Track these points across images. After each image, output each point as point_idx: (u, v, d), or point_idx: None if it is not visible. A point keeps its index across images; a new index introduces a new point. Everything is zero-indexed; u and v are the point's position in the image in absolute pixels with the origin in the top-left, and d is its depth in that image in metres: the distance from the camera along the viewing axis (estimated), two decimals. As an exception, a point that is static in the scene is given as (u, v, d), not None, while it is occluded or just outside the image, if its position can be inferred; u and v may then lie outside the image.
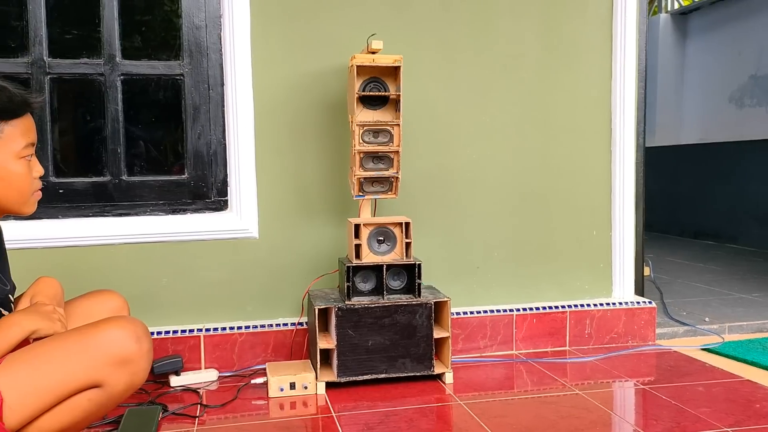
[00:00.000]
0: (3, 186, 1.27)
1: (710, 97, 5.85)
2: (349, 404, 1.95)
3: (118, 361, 1.23)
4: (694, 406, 1.87)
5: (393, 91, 2.12)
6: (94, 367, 1.22)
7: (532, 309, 2.46)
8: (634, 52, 2.52)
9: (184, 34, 2.25)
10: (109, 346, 1.23)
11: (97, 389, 1.23)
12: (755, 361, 2.26)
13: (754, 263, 4.30)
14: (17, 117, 1.27)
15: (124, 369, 1.24)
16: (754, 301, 3.12)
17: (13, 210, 1.32)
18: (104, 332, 1.24)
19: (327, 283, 2.33)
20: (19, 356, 1.23)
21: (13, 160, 1.27)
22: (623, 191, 2.55)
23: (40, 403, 1.20)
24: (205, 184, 2.30)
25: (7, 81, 1.28)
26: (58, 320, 1.34)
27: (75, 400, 1.23)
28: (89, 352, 1.22)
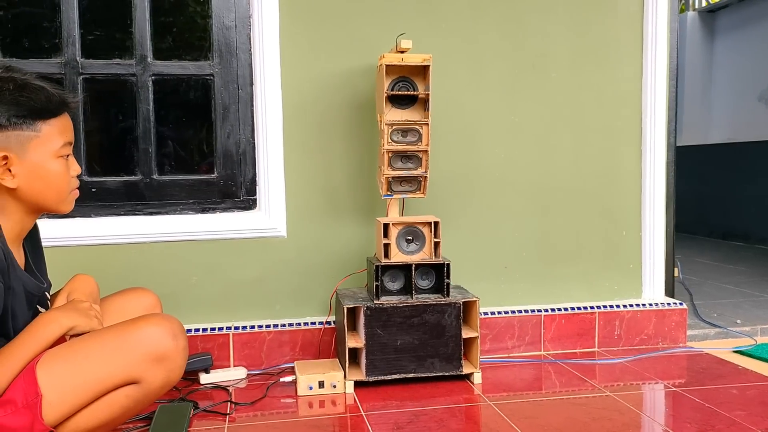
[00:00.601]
0: (41, 185, 1.29)
1: (739, 96, 5.76)
2: (377, 403, 1.95)
3: (155, 357, 1.24)
4: (728, 408, 1.84)
5: (422, 90, 2.12)
6: (131, 364, 1.23)
7: (560, 309, 2.44)
8: (665, 50, 2.49)
9: (214, 34, 2.27)
10: (146, 343, 1.24)
11: (134, 386, 1.25)
12: (790, 364, 2.23)
13: (785, 265, 4.23)
14: (55, 116, 1.29)
15: (160, 366, 1.25)
16: (786, 303, 3.07)
17: (51, 208, 1.34)
18: (142, 329, 1.25)
19: (354, 282, 2.33)
20: (57, 353, 1.24)
21: (52, 159, 1.29)
22: (654, 191, 2.52)
23: (78, 399, 1.22)
24: (234, 184, 2.32)
25: (44, 81, 1.30)
26: (94, 317, 1.36)
27: (113, 396, 1.24)
28: (127, 348, 1.23)
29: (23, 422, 1.19)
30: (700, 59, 6.14)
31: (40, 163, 1.27)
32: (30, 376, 1.20)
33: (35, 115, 1.25)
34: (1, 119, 1.21)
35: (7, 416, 1.19)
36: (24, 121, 1.23)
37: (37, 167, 1.27)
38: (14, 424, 1.19)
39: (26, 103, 1.23)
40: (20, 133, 1.24)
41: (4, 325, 1.24)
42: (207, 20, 2.28)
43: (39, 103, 1.25)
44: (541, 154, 2.47)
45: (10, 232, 1.27)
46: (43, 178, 1.28)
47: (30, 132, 1.25)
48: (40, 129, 1.26)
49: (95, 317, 1.36)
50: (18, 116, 1.23)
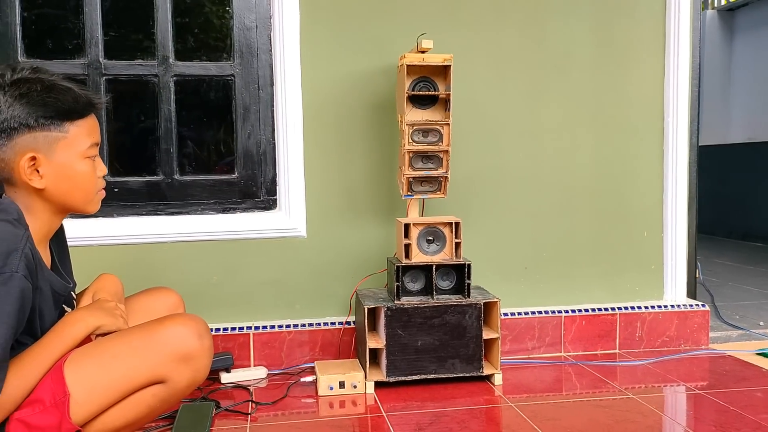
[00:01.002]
0: (69, 185, 1.29)
1: (759, 95, 5.70)
2: (398, 404, 1.95)
3: (181, 357, 1.25)
4: (754, 412, 1.82)
5: (443, 90, 2.11)
6: (158, 363, 1.24)
7: (581, 310, 2.43)
8: (687, 49, 2.47)
9: (235, 35, 2.28)
10: (172, 342, 1.25)
11: (160, 385, 1.25)
12: (815, 367, 2.20)
13: (807, 266, 4.18)
14: (82, 117, 1.29)
15: (187, 365, 1.26)
16: (810, 305, 3.03)
17: (77, 209, 1.35)
18: (168, 329, 1.26)
19: (374, 282, 2.33)
20: (85, 352, 1.25)
21: (79, 159, 1.30)
22: (676, 191, 2.49)
23: (105, 398, 1.22)
24: (255, 184, 2.32)
25: (71, 82, 1.31)
26: (120, 317, 1.37)
27: (139, 395, 1.25)
28: (153, 348, 1.24)
29: (51, 421, 1.20)
30: (719, 58, 6.08)
31: (67, 163, 1.28)
32: (58, 375, 1.21)
33: (63, 116, 1.25)
34: (29, 120, 1.22)
35: (35, 415, 1.20)
36: (52, 122, 1.24)
37: (65, 168, 1.27)
38: (42, 423, 1.20)
39: (54, 104, 1.24)
40: (48, 134, 1.24)
41: (31, 324, 1.24)
42: (228, 21, 2.29)
43: (66, 104, 1.26)
44: (562, 155, 2.45)
45: (38, 232, 1.28)
46: (70, 179, 1.29)
47: (57, 133, 1.25)
48: (68, 130, 1.27)
49: (121, 317, 1.37)
50: (46, 117, 1.23)
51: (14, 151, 1.23)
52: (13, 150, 1.23)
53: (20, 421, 1.19)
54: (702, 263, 3.93)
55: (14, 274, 1.13)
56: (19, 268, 1.14)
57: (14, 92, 1.21)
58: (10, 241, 1.15)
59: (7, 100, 1.20)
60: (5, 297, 1.12)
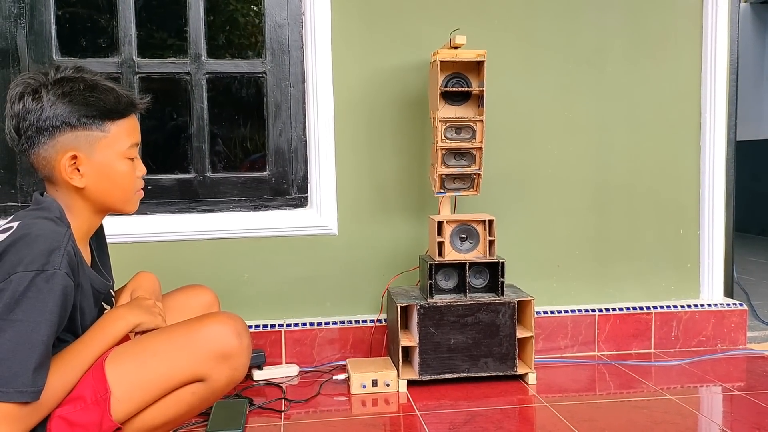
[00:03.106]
0: (108, 185, 1.30)
1: (794, 89, 5.57)
2: (431, 403, 1.93)
3: (221, 355, 1.25)
4: (798, 415, 1.78)
5: (476, 86, 2.09)
6: (197, 362, 1.24)
7: (615, 309, 2.39)
8: (725, 43, 2.41)
9: (266, 32, 2.27)
10: (212, 341, 1.25)
11: (200, 383, 1.26)
12: None
13: None
14: (123, 117, 1.30)
15: (226, 364, 1.26)
16: None
17: (116, 208, 1.35)
18: (208, 328, 1.26)
19: (405, 280, 2.32)
20: (125, 350, 1.26)
21: (119, 159, 1.30)
22: (713, 188, 2.44)
23: (146, 396, 1.23)
24: (286, 181, 2.32)
25: (113, 82, 1.32)
26: (159, 314, 1.37)
27: (179, 393, 1.25)
28: (193, 346, 1.24)
29: (92, 418, 1.21)
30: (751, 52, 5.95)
31: (107, 163, 1.28)
32: (99, 372, 1.22)
33: (104, 115, 1.26)
34: (71, 119, 1.23)
35: (77, 412, 1.20)
36: (93, 121, 1.25)
37: (105, 167, 1.28)
38: (83, 420, 1.20)
39: (96, 104, 1.24)
40: (89, 133, 1.25)
41: (73, 322, 1.25)
42: (259, 18, 2.29)
43: (108, 104, 1.26)
44: (595, 151, 2.42)
45: (78, 230, 1.29)
46: (110, 178, 1.29)
47: (99, 132, 1.26)
48: (109, 129, 1.27)
49: (159, 314, 1.38)
50: (88, 116, 1.24)
51: (56, 150, 1.24)
52: (54, 148, 1.23)
53: (62, 418, 1.20)
54: (736, 261, 3.85)
55: (57, 272, 1.14)
56: (62, 265, 1.15)
57: (57, 91, 1.22)
58: (53, 238, 1.16)
59: (50, 99, 1.21)
60: (48, 294, 1.12)
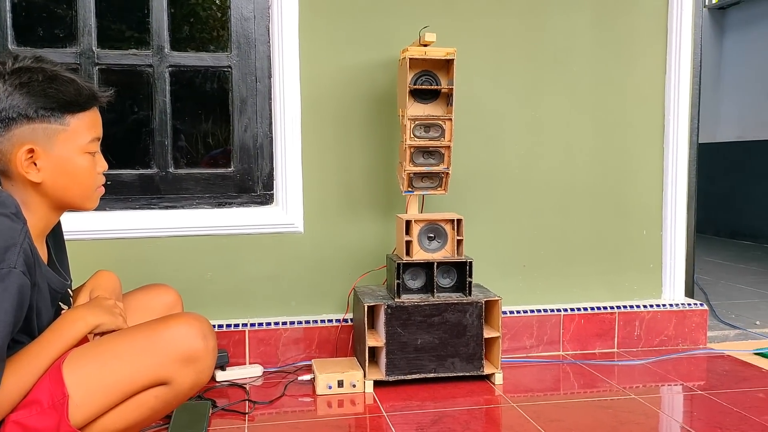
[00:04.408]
0: (67, 180, 1.24)
1: (749, 94, 5.71)
2: (398, 403, 1.91)
3: (186, 358, 1.21)
4: (758, 413, 1.81)
5: (445, 84, 2.08)
6: (161, 364, 1.19)
7: (580, 309, 2.41)
8: (689, 47, 2.45)
9: (232, 25, 2.22)
10: (176, 343, 1.20)
11: (163, 386, 1.21)
12: (813, 368, 2.20)
13: (797, 265, 4.21)
14: (84, 111, 1.24)
15: (191, 366, 1.21)
16: (803, 305, 3.04)
17: (75, 205, 1.30)
18: (172, 329, 1.21)
19: (371, 279, 2.30)
20: (84, 352, 1.21)
21: (79, 154, 1.25)
22: (675, 190, 2.48)
23: (106, 400, 1.18)
24: (251, 178, 2.28)
25: (74, 73, 1.26)
26: (119, 315, 1.32)
27: (141, 397, 1.21)
28: (157, 348, 1.19)
29: (49, 423, 1.15)
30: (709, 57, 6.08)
31: (66, 157, 1.23)
32: (56, 375, 1.16)
33: (64, 108, 1.20)
34: (29, 111, 1.17)
35: (33, 417, 1.15)
36: (52, 113, 1.19)
37: (64, 162, 1.22)
38: (40, 425, 1.15)
39: (55, 95, 1.19)
40: (48, 126, 1.19)
41: (29, 322, 1.19)
42: (225, 11, 2.23)
43: (68, 96, 1.20)
44: (561, 151, 2.43)
45: (35, 227, 1.23)
46: (69, 174, 1.24)
47: (58, 125, 1.20)
48: (69, 123, 1.22)
49: (120, 315, 1.33)
50: (46, 108, 1.18)
51: (11, 143, 1.18)
52: (10, 141, 1.17)
53: (17, 423, 1.14)
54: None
55: (12, 270, 1.08)
56: (18, 263, 1.09)
57: (14, 81, 1.16)
58: (8, 236, 1.10)
59: (7, 89, 1.15)
60: (3, 293, 1.07)
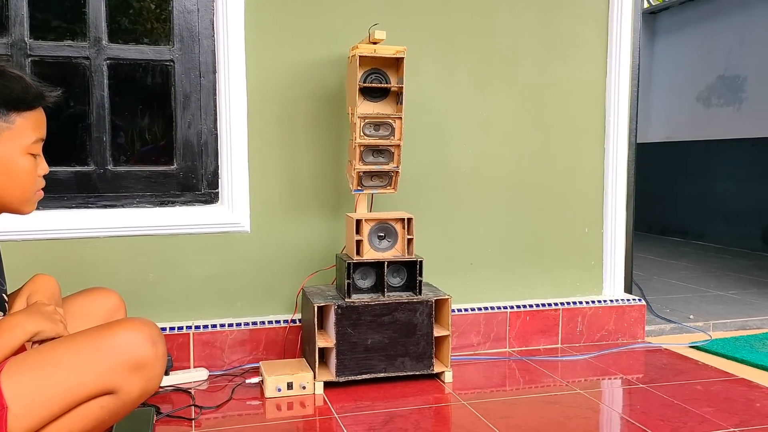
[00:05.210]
0: (6, 181, 1.18)
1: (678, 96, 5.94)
2: (348, 404, 1.89)
3: (134, 365, 1.15)
4: (697, 405, 1.88)
5: (394, 83, 2.07)
6: (107, 373, 1.13)
7: (525, 306, 2.45)
8: (629, 49, 2.52)
9: (174, 17, 2.15)
10: (123, 350, 1.14)
11: (110, 396, 1.15)
12: (745, 359, 2.29)
13: (724, 260, 4.40)
14: (30, 110, 1.18)
15: (139, 374, 1.16)
16: (733, 299, 3.17)
17: (12, 207, 1.23)
18: (118, 335, 1.15)
19: (319, 279, 2.27)
20: (24, 361, 1.13)
21: (21, 154, 1.18)
22: (615, 189, 2.55)
23: (48, 411, 1.11)
24: (195, 176, 2.21)
25: (23, 71, 1.20)
26: (60, 321, 1.25)
27: (86, 407, 1.14)
28: (102, 356, 1.13)
29: (-15, 438, 1.08)
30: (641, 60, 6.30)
31: (8, 157, 1.16)
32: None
33: (10, 105, 1.14)
34: (-28, 107, 1.10)
35: (-33, 431, 1.08)
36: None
37: (5, 162, 1.16)
38: (-25, 439, 1.08)
39: (2, 92, 1.12)
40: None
41: (-39, 331, 1.12)
42: (167, 3, 2.15)
43: (15, 93, 1.14)
44: (508, 151, 2.46)
45: (-33, 229, 1.16)
46: (9, 174, 1.17)
47: (2, 123, 1.14)
48: (14, 121, 1.15)
49: (60, 321, 1.25)
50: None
51: (-53, 139, 1.10)
52: (-54, 137, 1.10)
53: (-51, 438, 1.07)
54: (629, 258, 4.06)
55: (-57, 276, 1.01)
56: (-51, 269, 1.02)
57: (-43, 76, 1.08)
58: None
59: (-51, 85, 1.08)
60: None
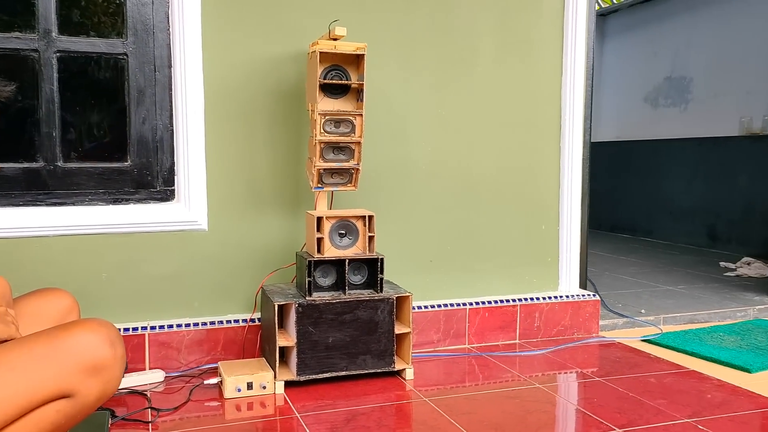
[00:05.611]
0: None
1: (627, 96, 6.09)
2: (309, 404, 1.88)
3: (91, 368, 1.11)
4: (651, 397, 1.93)
5: (355, 79, 2.06)
6: (63, 376, 1.09)
7: (484, 303, 2.47)
8: (583, 49, 2.57)
9: (128, 10, 2.09)
10: (81, 352, 1.11)
11: (66, 399, 1.11)
12: (695, 352, 2.36)
13: (672, 256, 4.53)
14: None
15: (97, 377, 1.12)
16: (681, 294, 3.27)
17: None
18: (75, 337, 1.12)
19: (278, 278, 2.24)
20: (-26, 365, 1.09)
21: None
22: (571, 187, 2.60)
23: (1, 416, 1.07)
24: (150, 173, 2.15)
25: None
26: (12, 323, 1.21)
27: (41, 412, 1.10)
28: (59, 358, 1.09)
29: (-68, 446, 1.03)
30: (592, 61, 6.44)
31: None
32: (-60, 392, 1.04)
33: None
34: None
35: None
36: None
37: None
38: None
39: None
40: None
41: None
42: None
43: None
44: (467, 148, 2.47)
45: None
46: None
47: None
48: None
49: (12, 323, 1.21)
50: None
51: None
52: None
53: None
54: (581, 254, 4.14)
55: None
56: None
57: None
58: None
59: None
60: None
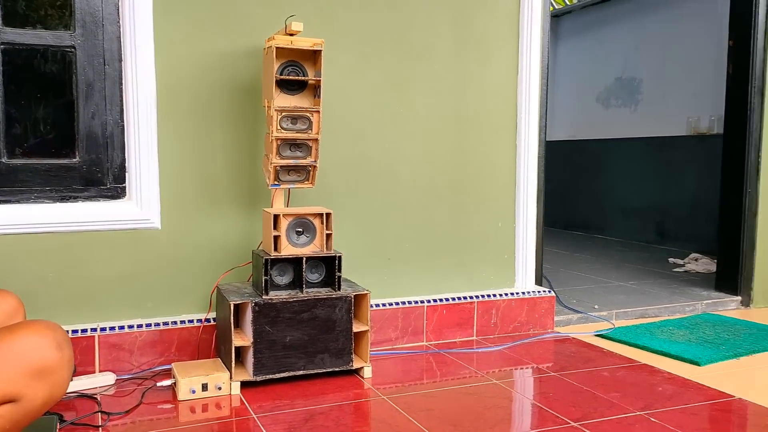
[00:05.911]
0: None
1: (579, 96, 6.21)
2: (266, 404, 1.85)
3: (37, 371, 1.07)
4: (605, 391, 1.96)
5: (312, 75, 2.04)
6: (8, 380, 1.05)
7: (442, 300, 2.48)
8: (539, 48, 2.59)
9: (76, 1, 2.02)
10: (26, 354, 1.06)
11: (11, 404, 1.07)
12: (645, 346, 2.42)
13: (623, 253, 4.63)
14: None
15: (43, 381, 1.08)
16: (632, 289, 3.34)
17: None
18: (20, 339, 1.07)
19: (234, 276, 2.20)
20: None
21: None
22: (527, 184, 2.62)
23: (-60, 424, 1.02)
24: (100, 170, 2.09)
25: None
26: (-48, 326, 1.15)
27: (-16, 418, 1.06)
28: (2, 362, 1.05)
29: None
30: (545, 60, 6.54)
31: None
32: None
33: None
34: None
35: None
36: None
37: None
38: None
39: None
40: None
41: None
42: (68, -15, 2.03)
43: None
44: (423, 145, 2.47)
45: None
46: None
47: None
48: None
49: (-47, 326, 1.15)
50: None
51: None
52: None
53: None
54: (536, 251, 4.20)
55: None
56: None
57: None
58: None
59: None
60: None
